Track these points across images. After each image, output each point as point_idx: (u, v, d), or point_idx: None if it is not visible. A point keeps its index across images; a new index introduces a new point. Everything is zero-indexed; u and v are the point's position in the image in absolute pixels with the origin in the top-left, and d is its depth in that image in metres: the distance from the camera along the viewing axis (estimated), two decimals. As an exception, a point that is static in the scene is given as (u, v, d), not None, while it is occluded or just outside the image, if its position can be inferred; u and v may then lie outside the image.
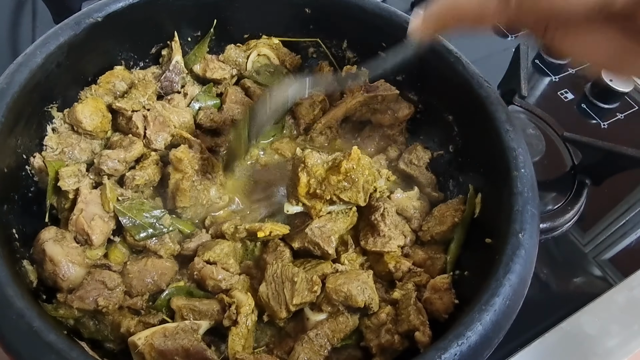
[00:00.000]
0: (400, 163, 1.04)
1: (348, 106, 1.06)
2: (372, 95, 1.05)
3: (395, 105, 1.07)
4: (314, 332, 0.80)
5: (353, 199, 0.87)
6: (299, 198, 0.87)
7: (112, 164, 0.90)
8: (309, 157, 0.86)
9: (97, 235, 0.85)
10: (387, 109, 1.07)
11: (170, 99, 1.07)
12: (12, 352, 0.63)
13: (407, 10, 1.47)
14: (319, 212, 0.88)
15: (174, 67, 1.06)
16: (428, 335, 0.76)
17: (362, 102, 1.06)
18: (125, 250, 0.90)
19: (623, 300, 0.99)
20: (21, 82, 0.83)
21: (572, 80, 1.41)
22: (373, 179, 0.89)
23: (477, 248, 0.85)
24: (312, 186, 0.86)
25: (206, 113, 1.06)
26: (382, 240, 0.90)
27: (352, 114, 1.08)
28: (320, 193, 0.86)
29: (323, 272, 0.86)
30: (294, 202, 0.88)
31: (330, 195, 0.86)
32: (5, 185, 0.82)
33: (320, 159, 0.87)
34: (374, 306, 0.82)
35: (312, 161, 0.86)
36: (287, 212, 0.90)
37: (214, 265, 0.85)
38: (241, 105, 1.09)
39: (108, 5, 0.96)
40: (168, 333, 0.75)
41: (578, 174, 1.15)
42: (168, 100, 1.06)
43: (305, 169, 0.86)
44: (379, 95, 1.05)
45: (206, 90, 1.11)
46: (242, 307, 0.80)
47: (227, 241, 0.89)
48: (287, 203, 0.90)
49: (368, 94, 1.05)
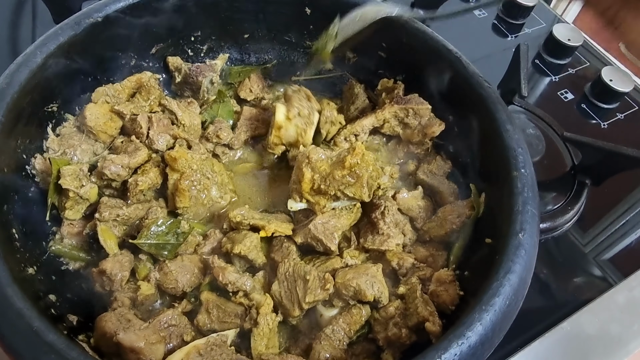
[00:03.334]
0: (419, 173, 1.03)
1: (378, 116, 1.04)
2: (403, 107, 1.03)
3: (425, 120, 1.04)
4: (330, 329, 0.80)
5: (357, 194, 0.87)
6: (303, 194, 0.87)
7: (115, 168, 0.90)
8: (313, 152, 0.86)
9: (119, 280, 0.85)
10: (417, 124, 1.04)
11: (190, 102, 1.08)
12: (12, 352, 0.63)
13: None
14: (323, 209, 0.88)
15: (210, 65, 1.09)
16: (439, 325, 0.76)
17: (393, 113, 1.04)
18: (150, 264, 0.90)
19: (623, 300, 0.99)
20: (21, 82, 0.83)
21: (572, 80, 1.41)
22: (377, 175, 0.89)
23: (477, 248, 0.85)
24: (317, 182, 0.86)
25: (215, 128, 1.05)
26: (380, 239, 0.90)
27: (381, 124, 1.06)
28: (324, 189, 0.86)
29: (333, 267, 0.86)
30: (298, 198, 0.88)
31: (334, 190, 0.86)
32: (5, 185, 0.82)
33: (324, 154, 0.87)
34: (383, 299, 0.82)
35: (316, 156, 0.86)
36: (291, 209, 0.90)
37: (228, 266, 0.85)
38: (255, 121, 1.09)
39: (108, 5, 0.96)
40: (202, 351, 0.75)
41: (578, 174, 1.15)
42: (188, 103, 1.07)
43: (310, 165, 0.86)
44: (410, 108, 1.03)
45: (219, 97, 1.12)
46: (261, 307, 0.80)
47: (255, 233, 0.89)
48: (290, 200, 0.90)
49: (399, 105, 1.03)
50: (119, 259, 0.86)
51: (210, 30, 1.14)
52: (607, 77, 1.33)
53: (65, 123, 0.98)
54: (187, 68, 1.09)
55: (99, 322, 0.77)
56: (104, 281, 0.84)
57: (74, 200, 0.89)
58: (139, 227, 0.91)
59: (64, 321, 0.79)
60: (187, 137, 0.99)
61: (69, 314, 0.80)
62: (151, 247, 0.88)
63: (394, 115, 1.04)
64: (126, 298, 0.84)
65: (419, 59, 1.04)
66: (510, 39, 1.50)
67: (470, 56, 0.98)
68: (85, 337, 0.78)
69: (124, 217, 0.90)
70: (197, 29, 1.13)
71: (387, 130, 1.06)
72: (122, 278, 0.84)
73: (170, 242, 0.89)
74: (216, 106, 1.10)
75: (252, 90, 1.16)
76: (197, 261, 0.89)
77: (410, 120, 1.04)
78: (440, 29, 1.09)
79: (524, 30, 1.53)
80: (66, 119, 0.99)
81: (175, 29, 1.09)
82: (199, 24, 1.12)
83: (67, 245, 0.90)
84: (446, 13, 1.52)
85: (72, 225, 0.91)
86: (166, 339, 0.78)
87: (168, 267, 0.86)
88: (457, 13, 1.54)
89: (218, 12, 1.10)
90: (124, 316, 0.79)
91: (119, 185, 0.94)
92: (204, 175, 0.95)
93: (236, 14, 1.11)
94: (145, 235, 0.88)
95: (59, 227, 0.91)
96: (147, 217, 0.91)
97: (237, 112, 1.13)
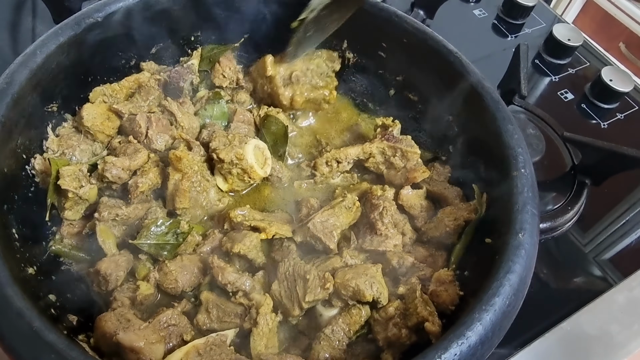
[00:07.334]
0: (420, 182, 1.00)
1: (365, 148, 1.02)
2: (392, 145, 1.01)
3: (411, 164, 1.01)
4: (329, 329, 0.80)
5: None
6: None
7: (117, 171, 0.90)
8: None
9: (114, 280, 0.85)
10: (402, 167, 1.01)
11: (182, 102, 1.07)
12: (12, 352, 0.63)
13: (407, 10, 1.47)
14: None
15: (187, 67, 1.08)
16: (438, 325, 0.76)
17: (381, 149, 1.02)
18: (150, 264, 0.90)
19: (623, 300, 0.99)
20: (21, 82, 0.83)
21: (572, 80, 1.41)
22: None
23: (477, 248, 0.85)
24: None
25: (209, 131, 1.03)
26: (378, 239, 0.90)
27: (366, 157, 1.03)
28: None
29: (333, 267, 0.86)
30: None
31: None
32: (5, 185, 0.82)
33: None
34: (382, 300, 0.82)
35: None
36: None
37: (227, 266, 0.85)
38: (248, 124, 1.08)
39: (108, 5, 0.96)
40: (202, 350, 0.75)
41: (578, 174, 1.15)
42: (180, 103, 1.06)
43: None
44: (399, 148, 1.00)
45: (214, 97, 1.11)
46: (261, 307, 0.80)
47: (255, 233, 0.89)
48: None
49: (389, 142, 1.01)
50: (115, 259, 0.86)
51: (210, 30, 1.14)
52: (607, 77, 1.33)
53: (65, 123, 0.98)
54: (166, 76, 1.07)
55: (98, 322, 0.77)
56: (100, 281, 0.84)
57: (74, 200, 0.89)
58: (138, 227, 0.91)
59: (64, 321, 0.79)
60: (188, 138, 0.99)
61: (69, 314, 0.80)
62: (151, 247, 0.88)
63: (381, 151, 1.02)
64: (126, 298, 0.84)
65: (419, 59, 1.04)
66: (510, 39, 1.50)
67: (470, 56, 0.98)
68: (85, 337, 0.78)
69: (124, 216, 0.89)
70: (197, 29, 1.13)
71: (371, 165, 1.03)
72: (117, 278, 0.84)
73: (169, 242, 0.89)
74: (210, 107, 1.09)
75: (225, 76, 1.12)
76: (197, 261, 0.89)
77: (396, 160, 1.01)
78: (440, 29, 1.08)
79: (524, 30, 1.53)
80: (66, 119, 0.99)
81: (175, 29, 1.09)
82: (199, 24, 1.12)
83: (67, 245, 0.90)
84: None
85: (72, 225, 0.91)
86: (166, 339, 0.78)
87: (168, 267, 0.86)
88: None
89: (218, 12, 1.10)
90: (123, 316, 0.79)
91: (118, 186, 0.94)
92: (203, 177, 0.95)
93: (235, 14, 1.11)
94: (144, 236, 0.88)
95: (59, 227, 0.91)
96: (147, 217, 0.91)
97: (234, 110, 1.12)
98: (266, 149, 1.02)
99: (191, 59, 1.11)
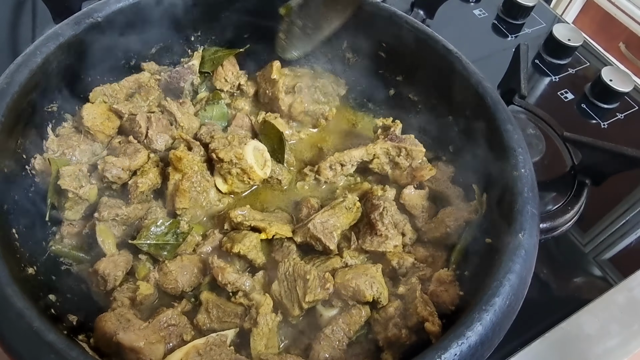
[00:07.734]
0: (423, 181, 1.00)
1: (369, 150, 1.01)
2: (397, 145, 1.00)
3: (417, 163, 1.00)
4: (329, 329, 0.80)
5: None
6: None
7: (117, 171, 0.90)
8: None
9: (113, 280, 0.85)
10: (408, 166, 1.00)
11: (182, 102, 1.07)
12: (12, 352, 0.63)
13: (407, 10, 1.47)
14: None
15: (188, 67, 1.08)
16: (438, 325, 0.76)
17: (385, 150, 1.01)
18: (150, 265, 0.90)
19: (623, 300, 0.99)
20: (21, 82, 0.83)
21: (572, 80, 1.41)
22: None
23: (477, 248, 0.85)
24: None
25: (208, 129, 1.03)
26: (378, 240, 0.90)
27: (370, 159, 1.02)
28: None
29: (333, 267, 0.86)
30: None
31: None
32: (5, 185, 0.82)
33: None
34: (382, 300, 0.82)
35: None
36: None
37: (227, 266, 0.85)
38: (246, 130, 1.08)
39: (108, 5, 0.96)
40: (202, 350, 0.75)
41: (578, 174, 1.15)
42: (180, 103, 1.06)
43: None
44: (403, 148, 0.99)
45: (214, 98, 1.11)
46: (261, 307, 0.80)
47: (255, 233, 0.89)
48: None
49: (393, 142, 1.00)
50: (113, 259, 0.86)
51: (210, 30, 1.14)
52: (607, 77, 1.33)
53: (65, 123, 0.98)
54: (166, 76, 1.07)
55: (98, 322, 0.77)
56: (99, 281, 0.84)
57: (74, 200, 0.89)
58: (138, 227, 0.91)
59: (64, 321, 0.79)
60: (188, 138, 0.99)
61: (69, 314, 0.80)
62: (150, 247, 0.88)
63: (385, 152, 1.01)
64: (126, 298, 0.84)
65: (419, 59, 1.04)
66: (510, 39, 1.50)
67: (470, 56, 0.98)
68: (85, 337, 0.78)
69: (123, 216, 0.89)
70: (197, 29, 1.13)
71: (376, 167, 1.02)
72: (116, 278, 0.84)
73: (169, 242, 0.89)
74: (210, 108, 1.09)
75: (227, 80, 1.12)
76: (197, 261, 0.89)
77: (401, 160, 1.00)
78: (440, 29, 1.08)
79: (524, 30, 1.53)
80: (66, 119, 0.99)
81: (175, 29, 1.09)
82: (199, 24, 1.12)
83: (67, 245, 0.90)
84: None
85: (72, 225, 0.91)
86: (166, 339, 0.78)
87: (168, 267, 0.86)
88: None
89: (217, 12, 1.10)
90: (123, 316, 0.79)
91: (118, 187, 0.94)
92: (203, 178, 0.95)
93: (235, 14, 1.11)
94: (144, 236, 0.88)
95: (59, 227, 0.90)
96: (147, 218, 0.91)
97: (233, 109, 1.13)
98: (266, 151, 1.02)
99: (192, 59, 1.11)
